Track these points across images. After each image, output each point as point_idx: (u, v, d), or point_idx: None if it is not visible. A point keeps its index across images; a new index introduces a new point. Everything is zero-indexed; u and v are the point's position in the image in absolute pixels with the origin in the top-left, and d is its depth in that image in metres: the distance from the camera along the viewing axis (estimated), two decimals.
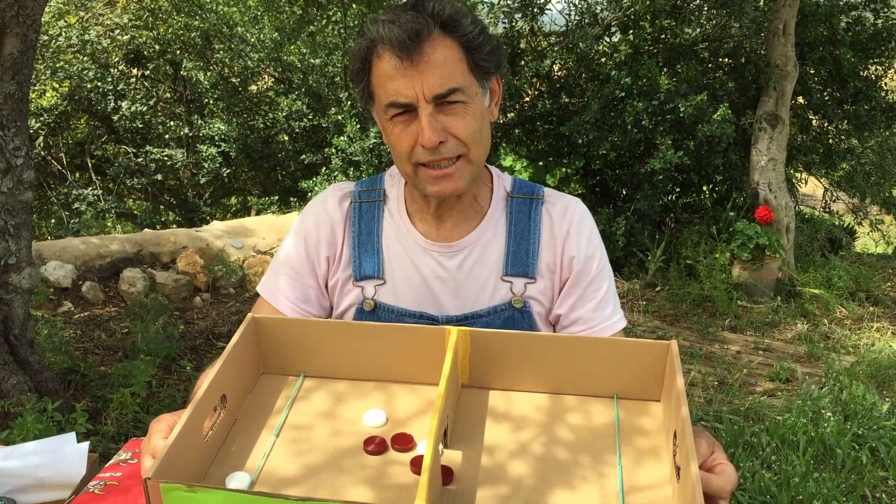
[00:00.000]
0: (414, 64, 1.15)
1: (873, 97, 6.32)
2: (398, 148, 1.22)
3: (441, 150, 1.19)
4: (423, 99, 1.16)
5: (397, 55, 1.15)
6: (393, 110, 1.19)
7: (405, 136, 1.20)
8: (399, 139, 1.21)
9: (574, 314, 1.33)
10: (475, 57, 1.21)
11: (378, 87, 1.21)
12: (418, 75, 1.16)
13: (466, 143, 1.21)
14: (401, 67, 1.16)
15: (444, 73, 1.16)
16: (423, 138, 1.17)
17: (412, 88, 1.16)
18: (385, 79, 1.18)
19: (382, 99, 1.20)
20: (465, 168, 1.24)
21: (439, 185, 1.23)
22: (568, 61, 6.18)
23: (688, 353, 4.48)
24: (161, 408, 3.25)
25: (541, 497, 0.86)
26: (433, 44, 1.16)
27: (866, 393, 3.78)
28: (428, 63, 1.16)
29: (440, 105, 1.18)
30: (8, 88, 2.69)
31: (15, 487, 1.18)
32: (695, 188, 6.51)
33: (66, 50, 6.62)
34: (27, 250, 2.88)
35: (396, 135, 1.21)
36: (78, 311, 4.22)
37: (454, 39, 1.19)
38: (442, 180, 1.23)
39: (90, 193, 6.88)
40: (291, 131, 7.06)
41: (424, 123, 1.17)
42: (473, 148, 1.22)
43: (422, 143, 1.18)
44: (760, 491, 2.91)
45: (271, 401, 1.03)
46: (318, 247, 1.35)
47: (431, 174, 1.22)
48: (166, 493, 0.75)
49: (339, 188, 1.40)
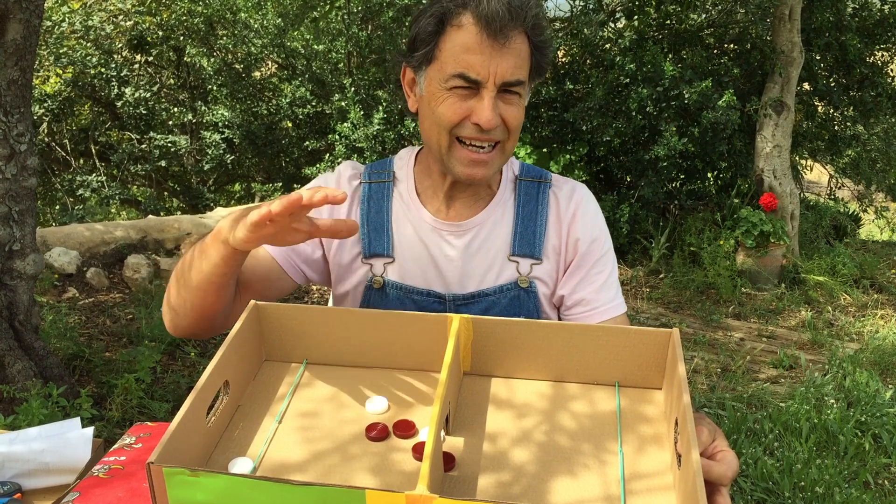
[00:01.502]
0: (498, 44, 1.17)
1: (879, 83, 6.28)
2: (444, 117, 1.22)
3: (491, 133, 1.22)
4: (492, 81, 1.18)
5: (485, 30, 1.16)
6: (458, 81, 1.19)
7: (457, 108, 1.21)
8: (449, 109, 1.21)
9: (577, 295, 1.36)
10: (539, 59, 1.24)
11: (448, 54, 1.20)
12: (497, 57, 1.17)
13: (511, 132, 1.25)
14: (484, 43, 1.17)
15: (518, 63, 1.19)
16: (483, 118, 1.19)
17: (487, 68, 1.17)
18: (461, 49, 1.18)
19: (449, 67, 1.19)
20: (498, 157, 1.26)
21: (471, 168, 1.25)
22: (572, 47, 6.15)
23: (691, 340, 4.48)
24: (165, 393, 3.26)
25: (542, 484, 0.86)
26: (518, 34, 1.19)
27: (870, 380, 3.79)
28: (509, 49, 1.18)
29: (501, 92, 1.20)
30: (11, 74, 2.68)
31: (20, 472, 1.19)
32: (699, 175, 6.49)
33: (69, 36, 6.60)
34: (31, 236, 2.88)
35: (448, 104, 1.21)
36: (82, 298, 4.23)
37: (531, 37, 1.22)
38: (476, 165, 1.25)
39: (94, 180, 6.88)
40: (295, 118, 7.05)
41: (488, 104, 1.19)
42: (512, 139, 1.26)
43: (478, 121, 1.19)
44: (763, 477, 2.92)
45: (274, 387, 1.03)
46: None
47: (469, 155, 1.24)
48: (169, 478, 0.76)
49: (352, 166, 1.42)
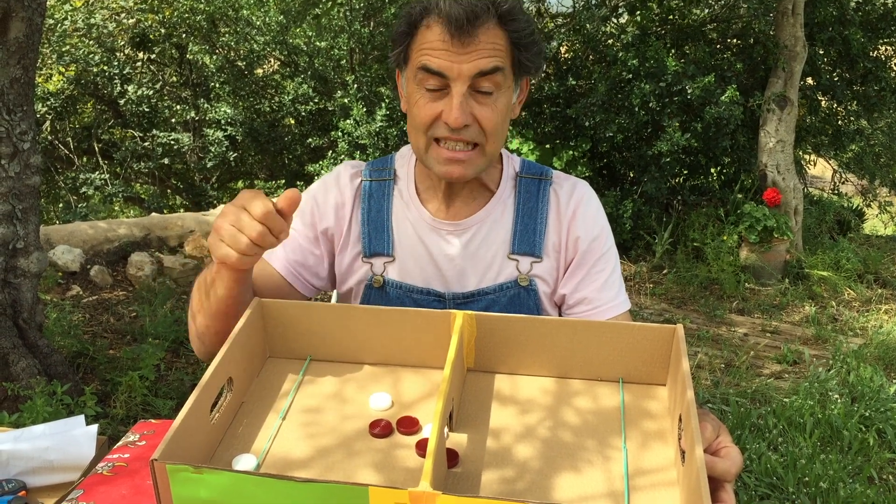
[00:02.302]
0: (463, 44, 1.17)
1: (883, 78, 6.26)
2: (418, 118, 1.22)
3: (462, 133, 1.21)
4: (460, 77, 1.18)
5: (449, 31, 1.16)
6: (424, 76, 1.20)
7: (429, 109, 1.21)
8: (422, 109, 1.22)
9: (579, 294, 1.35)
10: (521, 55, 1.23)
11: (416, 52, 1.21)
12: (464, 55, 1.17)
13: (487, 133, 1.23)
14: (448, 42, 1.17)
15: (490, 54, 1.18)
16: (451, 116, 1.18)
17: (452, 63, 1.17)
18: (428, 48, 1.19)
19: (417, 62, 1.20)
20: (477, 158, 1.25)
21: (447, 166, 1.24)
22: (575, 43, 6.14)
23: (695, 336, 4.47)
24: (169, 390, 3.27)
25: (546, 480, 0.86)
26: (486, 31, 1.18)
27: (874, 375, 3.78)
28: (476, 46, 1.17)
29: (473, 90, 1.19)
30: (14, 73, 2.68)
31: (24, 470, 1.19)
32: (702, 170, 6.48)
33: (71, 34, 6.60)
34: (35, 234, 2.89)
35: (421, 105, 1.22)
36: (86, 295, 4.24)
37: (506, 33, 1.20)
38: (451, 164, 1.24)
39: (97, 178, 6.89)
40: (297, 115, 7.05)
41: (455, 102, 1.18)
42: (491, 141, 1.24)
43: (447, 121, 1.19)
44: (767, 472, 2.92)
45: (277, 384, 1.03)
46: (322, 217, 1.36)
47: (444, 154, 1.23)
48: (173, 475, 0.76)
49: (352, 165, 1.42)
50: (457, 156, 1.23)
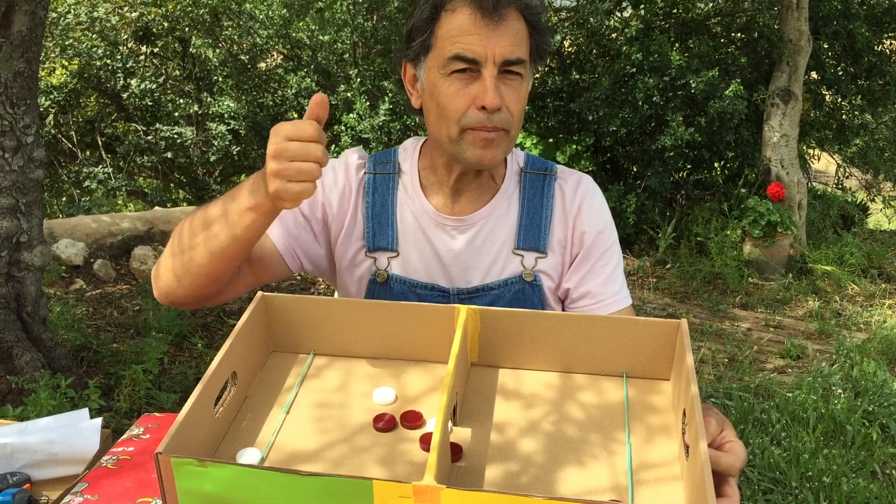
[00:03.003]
0: (493, 23, 1.16)
1: (888, 72, 6.24)
2: (450, 107, 1.20)
3: (493, 118, 1.19)
4: (492, 60, 1.17)
5: (478, 11, 1.16)
6: (456, 64, 1.18)
7: (461, 96, 1.19)
8: (453, 98, 1.20)
9: (583, 288, 1.35)
10: (537, 39, 1.23)
11: (444, 39, 1.19)
12: (494, 36, 1.16)
13: (514, 118, 1.22)
14: (479, 24, 1.16)
15: (516, 41, 1.18)
16: (487, 99, 1.17)
17: (484, 47, 1.16)
18: (457, 32, 1.18)
19: (447, 51, 1.18)
20: (504, 141, 1.24)
21: (485, 149, 1.22)
22: (578, 37, 6.13)
23: (698, 331, 4.47)
24: (173, 384, 3.28)
25: (550, 474, 0.86)
26: (512, 12, 1.18)
27: (877, 370, 3.78)
28: (506, 27, 1.17)
29: (502, 73, 1.19)
30: (17, 66, 2.68)
31: (29, 463, 1.20)
32: (706, 165, 6.47)
33: (75, 27, 6.60)
34: (38, 228, 2.89)
35: (451, 93, 1.20)
36: (90, 289, 4.25)
37: (526, 17, 1.21)
38: (489, 145, 1.21)
39: (101, 171, 6.88)
40: (301, 109, 7.03)
41: (489, 85, 1.17)
42: (516, 126, 1.24)
43: (483, 104, 1.17)
44: (770, 467, 2.92)
45: (281, 378, 1.03)
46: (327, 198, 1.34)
47: (481, 135, 1.20)
48: (177, 468, 0.76)
49: (359, 155, 1.39)
50: (490, 136, 1.21)
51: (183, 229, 1.18)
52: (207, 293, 1.21)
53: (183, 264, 1.16)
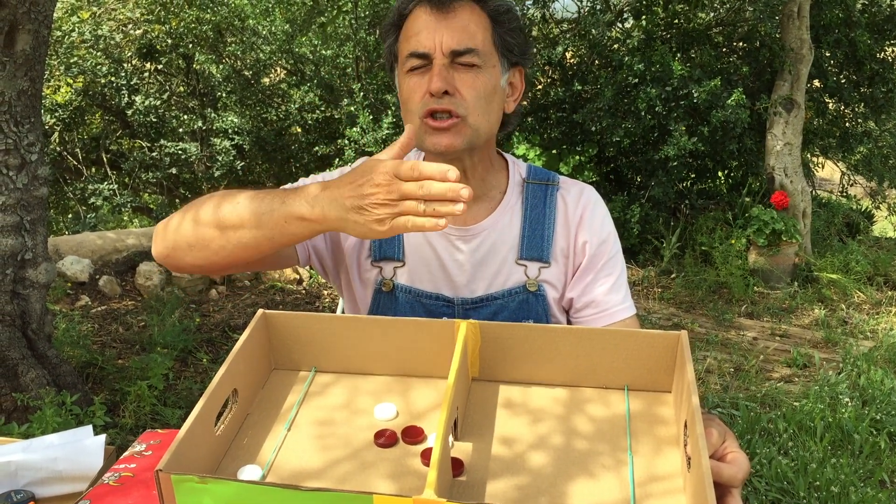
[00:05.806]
0: (442, 16, 1.22)
1: (890, 79, 6.24)
2: (410, 101, 1.25)
3: (444, 101, 1.22)
4: (440, 51, 1.22)
5: (429, 7, 1.23)
6: (411, 61, 1.24)
7: (418, 88, 1.24)
8: (412, 91, 1.25)
9: (586, 297, 1.36)
10: (500, 30, 1.27)
11: (403, 42, 1.27)
12: (442, 29, 1.22)
13: (469, 104, 1.23)
14: (429, 19, 1.23)
15: (465, 33, 1.23)
16: (431, 84, 1.21)
17: (432, 40, 1.22)
18: (411, 32, 1.25)
19: (405, 51, 1.26)
20: (463, 128, 1.24)
21: (436, 137, 1.24)
22: (580, 48, 6.14)
23: (703, 340, 4.46)
24: (178, 399, 3.28)
25: (551, 489, 0.86)
26: (464, 5, 1.24)
27: (884, 378, 3.76)
28: (454, 19, 1.22)
29: (455, 63, 1.23)
30: (21, 85, 2.70)
31: (33, 480, 1.20)
32: (710, 174, 6.47)
33: (79, 45, 6.64)
34: (43, 245, 2.90)
35: (410, 88, 1.25)
36: (95, 305, 4.26)
37: (483, 9, 1.26)
38: (439, 133, 1.24)
39: (106, 188, 6.91)
40: (304, 123, 7.06)
41: (435, 72, 1.22)
42: (474, 113, 1.24)
43: (429, 90, 1.22)
44: (777, 477, 2.90)
45: (283, 395, 1.03)
46: None
47: (432, 124, 1.23)
48: (178, 485, 0.76)
49: None
50: (441, 124, 1.23)
51: (212, 204, 1.14)
52: (213, 269, 1.21)
53: (201, 238, 1.14)
